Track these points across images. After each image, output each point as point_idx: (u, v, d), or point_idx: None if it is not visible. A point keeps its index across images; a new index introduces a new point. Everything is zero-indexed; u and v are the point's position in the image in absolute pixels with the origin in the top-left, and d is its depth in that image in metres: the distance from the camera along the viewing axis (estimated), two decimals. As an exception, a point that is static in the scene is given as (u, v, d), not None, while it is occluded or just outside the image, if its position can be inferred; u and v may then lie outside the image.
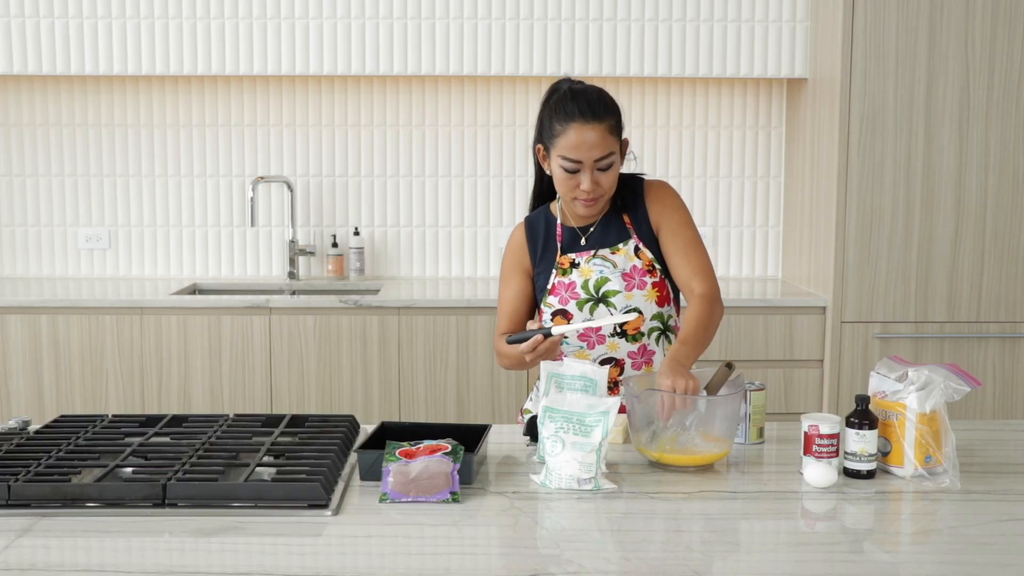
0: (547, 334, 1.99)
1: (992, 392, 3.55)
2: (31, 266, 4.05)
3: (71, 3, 3.71)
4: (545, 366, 2.00)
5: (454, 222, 4.06)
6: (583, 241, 2.21)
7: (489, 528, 1.59)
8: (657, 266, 2.18)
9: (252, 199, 3.87)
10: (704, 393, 1.93)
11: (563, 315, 2.17)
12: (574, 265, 2.19)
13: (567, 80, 2.16)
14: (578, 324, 2.06)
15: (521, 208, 4.04)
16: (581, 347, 2.16)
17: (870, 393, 1.89)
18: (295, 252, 4.00)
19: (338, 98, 4.00)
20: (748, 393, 2.02)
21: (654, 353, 2.20)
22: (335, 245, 4.00)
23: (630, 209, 2.21)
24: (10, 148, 3.99)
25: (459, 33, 3.75)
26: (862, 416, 1.82)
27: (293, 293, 3.92)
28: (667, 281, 2.20)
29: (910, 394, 1.82)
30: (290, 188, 3.99)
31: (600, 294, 2.16)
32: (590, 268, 2.18)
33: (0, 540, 1.51)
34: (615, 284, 2.15)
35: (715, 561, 1.46)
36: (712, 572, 1.42)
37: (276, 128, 4.01)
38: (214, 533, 1.54)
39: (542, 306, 2.21)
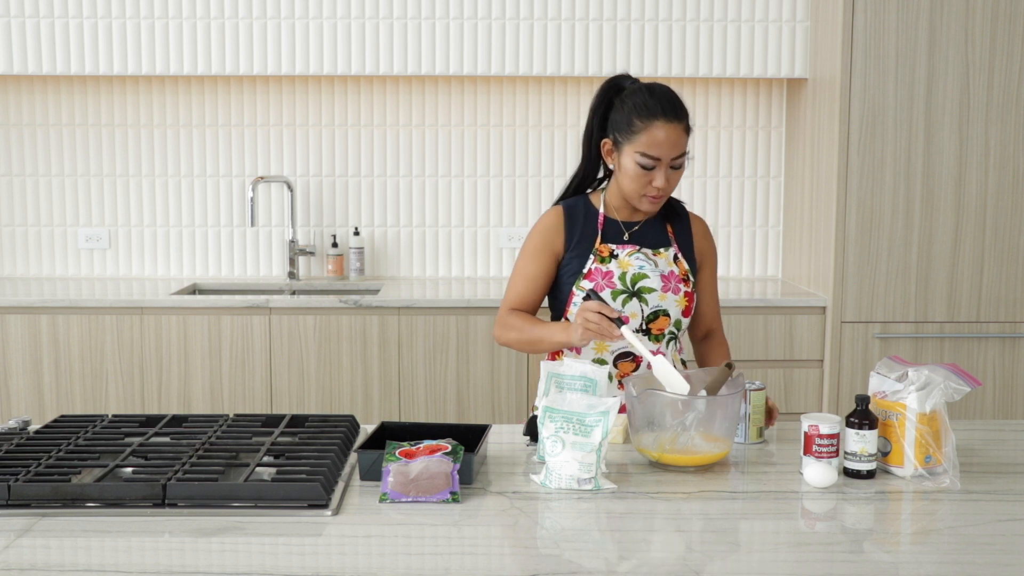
0: (619, 321, 1.99)
1: (992, 392, 3.55)
2: (31, 266, 4.05)
3: (71, 3, 3.71)
4: (545, 366, 2.00)
5: (454, 222, 4.07)
6: (626, 236, 2.24)
7: (489, 528, 1.59)
8: (691, 278, 2.25)
9: (252, 199, 3.87)
10: (704, 393, 1.93)
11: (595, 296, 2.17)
12: (613, 255, 2.21)
13: (627, 77, 2.21)
14: (641, 348, 2.00)
15: (521, 207, 4.05)
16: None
17: (870, 393, 1.89)
18: (295, 252, 4.00)
19: (338, 98, 4.00)
20: (748, 393, 2.02)
21: (664, 355, 2.21)
22: (335, 245, 4.00)
23: (673, 222, 2.29)
24: (10, 148, 3.99)
25: (459, 33, 3.75)
26: (862, 416, 1.82)
27: (293, 293, 3.92)
28: (694, 295, 2.26)
29: (910, 394, 1.82)
30: (290, 188, 3.99)
31: (635, 288, 2.18)
32: (629, 261, 2.20)
33: (0, 540, 1.51)
34: (653, 282, 2.19)
35: (715, 561, 1.46)
36: (712, 572, 1.42)
37: (276, 128, 4.01)
38: (214, 533, 1.54)
39: (574, 289, 2.21)
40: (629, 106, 2.14)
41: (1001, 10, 3.38)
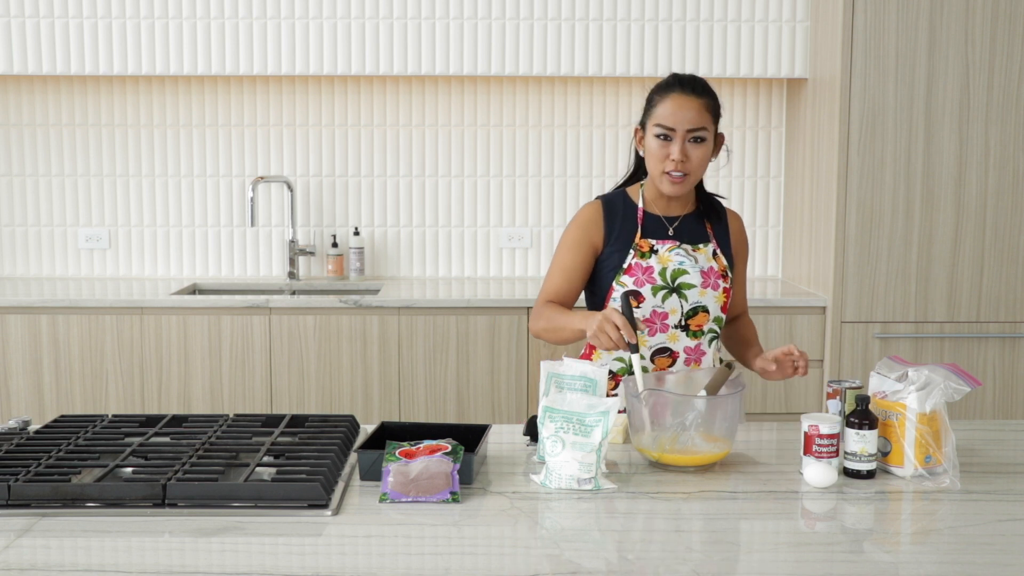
0: (633, 347, 1.96)
1: (992, 392, 3.55)
2: (31, 266, 4.05)
3: (71, 3, 3.71)
4: (545, 366, 2.00)
5: (454, 222, 4.07)
6: (670, 231, 2.24)
7: (489, 528, 1.59)
8: (729, 274, 2.27)
9: (252, 199, 3.87)
10: (704, 393, 1.93)
11: (635, 296, 2.17)
12: (653, 251, 2.21)
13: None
14: (640, 382, 1.95)
15: (521, 207, 4.05)
16: (643, 332, 2.17)
17: (870, 393, 1.89)
18: (295, 252, 4.00)
19: (338, 98, 4.00)
20: (844, 391, 2.02)
21: (705, 354, 2.23)
22: (335, 245, 4.00)
23: (712, 219, 2.30)
24: (10, 148, 3.99)
25: (459, 33, 3.75)
26: (862, 416, 1.82)
27: (293, 293, 3.92)
28: (730, 291, 2.28)
29: (910, 394, 1.82)
30: (290, 188, 3.99)
31: (675, 284, 2.19)
32: (669, 256, 2.20)
33: (0, 540, 1.51)
34: (693, 278, 2.19)
35: (715, 561, 1.46)
36: (712, 572, 1.42)
37: (276, 128, 4.01)
38: (214, 533, 1.54)
39: (614, 284, 2.20)
40: (654, 89, 2.19)
41: (1001, 10, 3.38)
